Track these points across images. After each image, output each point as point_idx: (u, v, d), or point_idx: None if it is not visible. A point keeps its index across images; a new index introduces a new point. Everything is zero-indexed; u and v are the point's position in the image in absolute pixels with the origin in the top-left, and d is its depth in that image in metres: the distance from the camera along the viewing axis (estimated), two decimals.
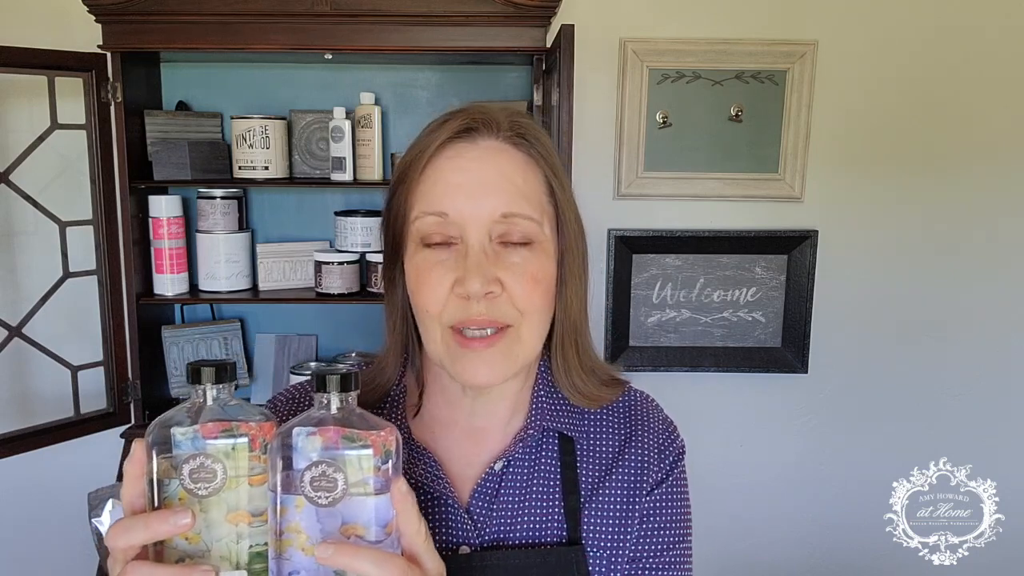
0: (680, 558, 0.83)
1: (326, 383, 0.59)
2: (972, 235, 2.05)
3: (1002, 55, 1.97)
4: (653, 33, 1.95)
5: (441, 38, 1.70)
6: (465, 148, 0.74)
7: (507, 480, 0.79)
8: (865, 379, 2.11)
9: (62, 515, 2.02)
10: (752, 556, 2.19)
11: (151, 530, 0.56)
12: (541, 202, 0.76)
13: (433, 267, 0.73)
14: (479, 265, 0.71)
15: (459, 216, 0.72)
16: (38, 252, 1.94)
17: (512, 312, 0.73)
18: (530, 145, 0.76)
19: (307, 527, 0.56)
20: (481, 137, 0.75)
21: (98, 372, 1.86)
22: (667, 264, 2.05)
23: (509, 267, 0.73)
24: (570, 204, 0.79)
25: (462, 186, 0.73)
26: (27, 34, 1.76)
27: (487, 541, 0.77)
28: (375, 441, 0.58)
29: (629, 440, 0.84)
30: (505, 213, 0.72)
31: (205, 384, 0.59)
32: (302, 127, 1.91)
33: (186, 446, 0.57)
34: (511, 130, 0.75)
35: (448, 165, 0.74)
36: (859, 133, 2.00)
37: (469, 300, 0.71)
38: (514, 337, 0.74)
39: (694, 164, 2.00)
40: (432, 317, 0.74)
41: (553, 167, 0.77)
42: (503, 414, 0.82)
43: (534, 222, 0.74)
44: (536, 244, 0.75)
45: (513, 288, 0.72)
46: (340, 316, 2.06)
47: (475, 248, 0.72)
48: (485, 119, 0.75)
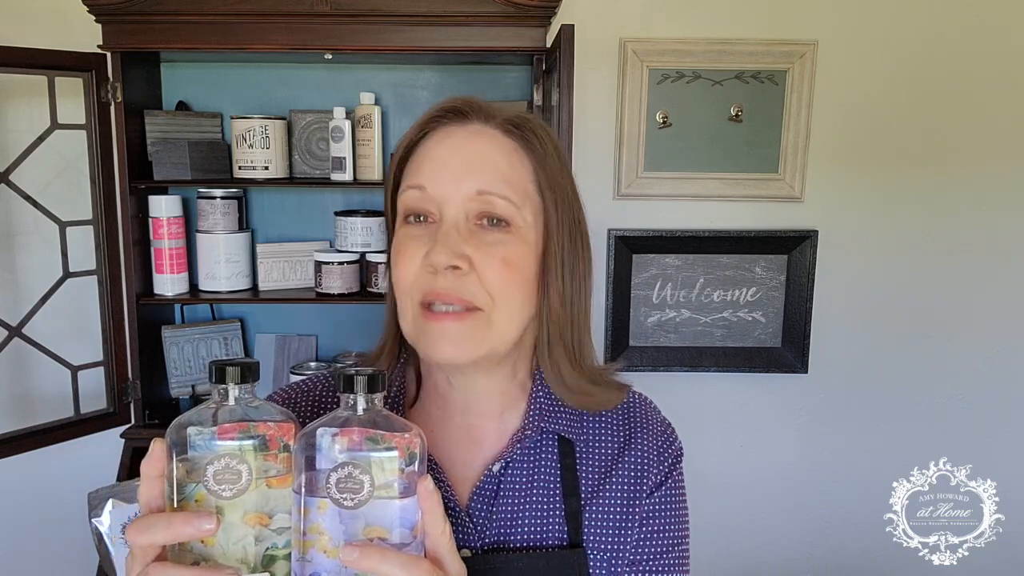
0: (678, 561, 0.83)
1: (353, 384, 0.59)
2: (972, 235, 2.05)
3: (1002, 54, 1.97)
4: (653, 33, 1.95)
5: (441, 38, 1.70)
6: (454, 129, 0.76)
7: (506, 482, 0.79)
8: (865, 379, 2.11)
9: (62, 515, 2.02)
10: (752, 556, 2.19)
11: (173, 530, 0.55)
12: (525, 189, 0.75)
13: (410, 241, 0.74)
14: (447, 237, 0.72)
15: (437, 192, 0.73)
16: (38, 252, 1.94)
17: (481, 294, 0.72)
18: (523, 136, 0.76)
19: (330, 529, 0.56)
20: (470, 121, 0.76)
21: (98, 372, 1.86)
22: (667, 264, 2.05)
23: (480, 246, 0.72)
24: (564, 202, 0.77)
25: (444, 162, 0.74)
26: (27, 34, 1.76)
27: (487, 544, 0.77)
28: (400, 443, 0.58)
29: (628, 443, 0.84)
30: (480, 190, 0.73)
31: (228, 384, 0.58)
32: (302, 127, 1.91)
33: (202, 447, 0.56)
34: (505, 121, 0.76)
35: (434, 144, 0.76)
36: (859, 133, 2.00)
37: (436, 274, 0.72)
38: (484, 321, 0.73)
39: (694, 164, 2.00)
40: (404, 291, 0.75)
41: (544, 161, 0.76)
42: (495, 411, 0.82)
43: (511, 204, 0.74)
44: (513, 228, 0.74)
45: (482, 267, 0.72)
46: (340, 316, 2.06)
47: (447, 223, 0.73)
48: (478, 107, 0.77)
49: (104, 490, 1.88)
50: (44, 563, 2.09)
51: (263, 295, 1.92)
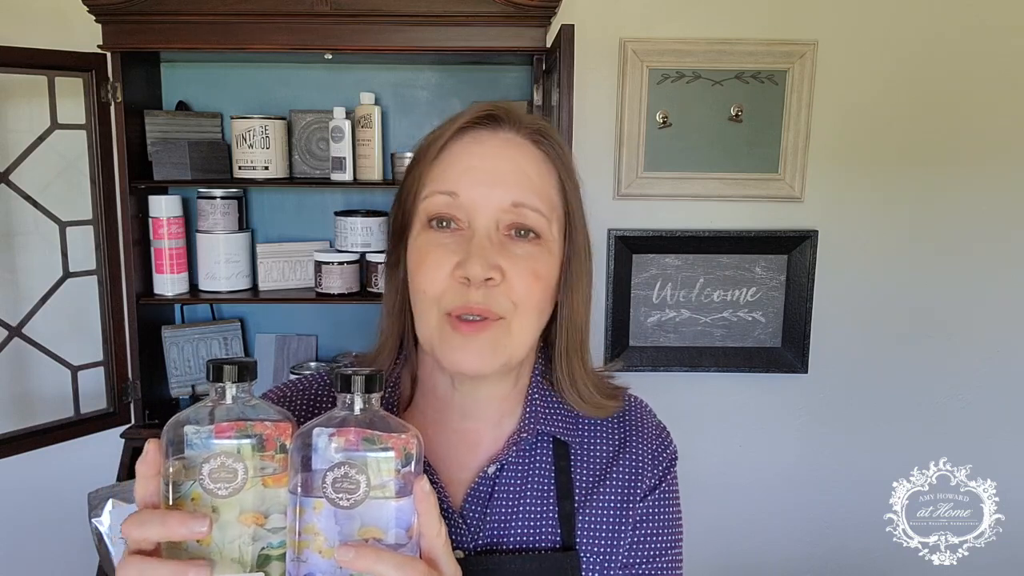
0: (671, 564, 0.83)
1: (351, 383, 0.58)
2: (972, 234, 2.05)
3: (1002, 54, 1.97)
4: (653, 33, 1.95)
5: (441, 38, 1.70)
6: (485, 136, 0.75)
7: (501, 484, 0.79)
8: (865, 379, 2.11)
9: (62, 515, 2.02)
10: (752, 556, 2.19)
11: (168, 528, 0.55)
12: (552, 202, 0.76)
13: (435, 248, 0.73)
14: (482, 249, 0.71)
15: (469, 199, 0.72)
16: (38, 252, 1.94)
17: (507, 304, 0.72)
18: (549, 146, 0.77)
19: (325, 529, 0.56)
20: (502, 129, 0.75)
21: (98, 372, 1.86)
22: (667, 264, 2.05)
23: (512, 257, 0.72)
24: (580, 212, 0.79)
25: (476, 170, 0.73)
26: (27, 34, 1.76)
27: (481, 545, 0.77)
28: (396, 444, 0.57)
29: (623, 446, 0.84)
30: (515, 202, 0.72)
31: (225, 382, 0.58)
32: (302, 127, 1.91)
33: (198, 445, 0.56)
34: (532, 128, 0.76)
35: (465, 149, 0.75)
36: (859, 133, 2.00)
37: (469, 286, 0.71)
38: (504, 329, 0.73)
39: (694, 164, 2.00)
40: (429, 299, 0.73)
41: (568, 171, 0.78)
42: (493, 416, 0.82)
43: (543, 216, 0.74)
44: (542, 240, 0.74)
45: (512, 279, 0.72)
46: (340, 316, 2.06)
47: (480, 233, 0.72)
48: (508, 113, 0.76)
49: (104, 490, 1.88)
50: (44, 563, 2.09)
51: (263, 295, 1.92)
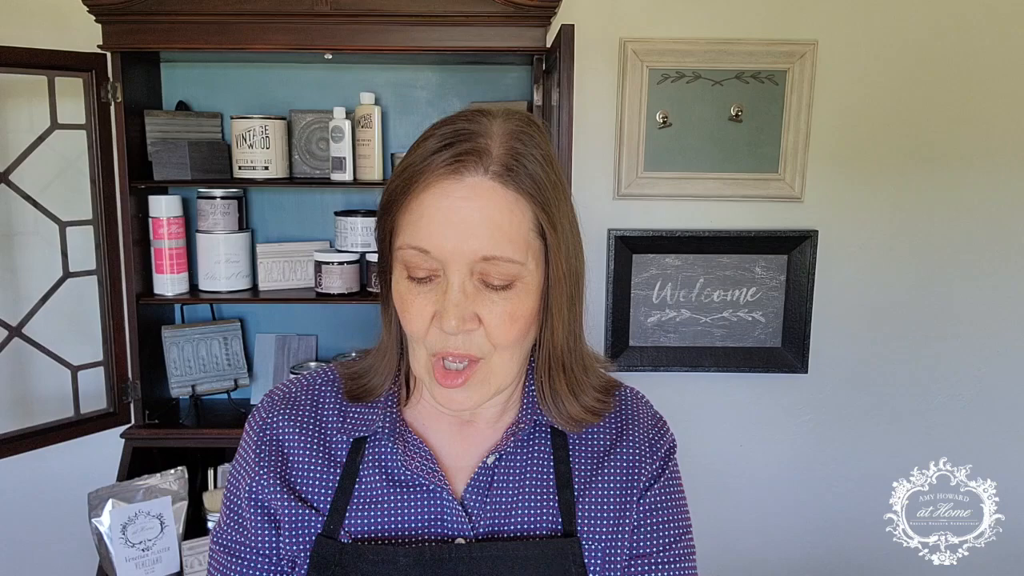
0: (687, 550, 0.86)
1: None
2: (972, 235, 2.05)
3: (1002, 55, 1.97)
4: (653, 33, 1.95)
5: (441, 38, 1.70)
6: (451, 186, 0.72)
7: (500, 473, 0.82)
8: (865, 379, 2.11)
9: (62, 515, 2.03)
10: (752, 556, 2.19)
11: None
12: (526, 240, 0.73)
13: (415, 298, 0.75)
14: (457, 305, 0.72)
15: (440, 253, 0.72)
16: (38, 252, 1.94)
17: (486, 346, 0.75)
18: (519, 178, 0.73)
19: None
20: (469, 173, 0.72)
21: (98, 372, 1.86)
22: (667, 264, 2.05)
23: (488, 304, 0.74)
24: (563, 237, 0.76)
25: (445, 224, 0.72)
26: (27, 34, 1.76)
27: (482, 534, 0.79)
28: None
29: (620, 435, 0.86)
30: (486, 256, 0.72)
31: None
32: (302, 127, 1.91)
33: None
34: (502, 164, 0.72)
35: (433, 201, 0.72)
36: (859, 133, 2.00)
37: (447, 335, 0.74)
38: (486, 369, 0.77)
39: (694, 164, 2.00)
40: (416, 339, 0.77)
41: (544, 202, 0.74)
42: (493, 416, 0.85)
43: (516, 263, 0.73)
44: (518, 283, 0.74)
45: (490, 325, 0.74)
46: (340, 316, 2.06)
47: (454, 287, 0.72)
48: (476, 151, 0.72)
49: (104, 490, 1.89)
50: (44, 563, 2.09)
51: (263, 295, 1.92)
